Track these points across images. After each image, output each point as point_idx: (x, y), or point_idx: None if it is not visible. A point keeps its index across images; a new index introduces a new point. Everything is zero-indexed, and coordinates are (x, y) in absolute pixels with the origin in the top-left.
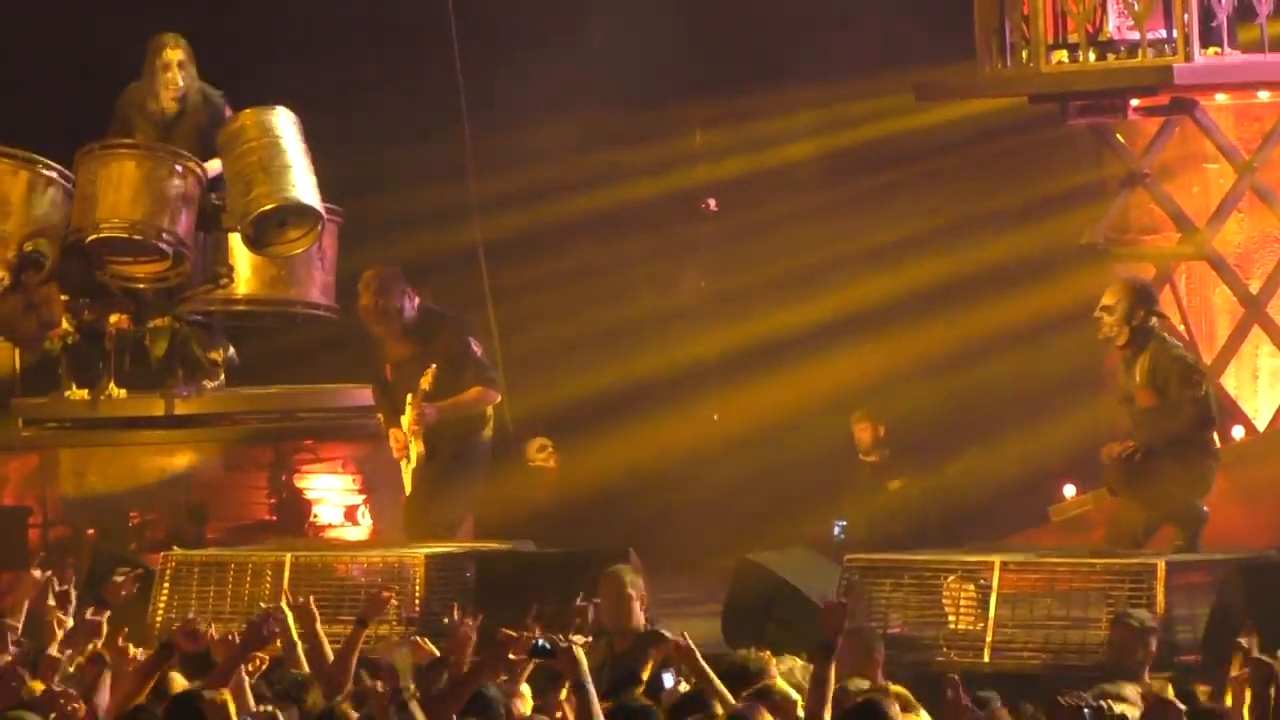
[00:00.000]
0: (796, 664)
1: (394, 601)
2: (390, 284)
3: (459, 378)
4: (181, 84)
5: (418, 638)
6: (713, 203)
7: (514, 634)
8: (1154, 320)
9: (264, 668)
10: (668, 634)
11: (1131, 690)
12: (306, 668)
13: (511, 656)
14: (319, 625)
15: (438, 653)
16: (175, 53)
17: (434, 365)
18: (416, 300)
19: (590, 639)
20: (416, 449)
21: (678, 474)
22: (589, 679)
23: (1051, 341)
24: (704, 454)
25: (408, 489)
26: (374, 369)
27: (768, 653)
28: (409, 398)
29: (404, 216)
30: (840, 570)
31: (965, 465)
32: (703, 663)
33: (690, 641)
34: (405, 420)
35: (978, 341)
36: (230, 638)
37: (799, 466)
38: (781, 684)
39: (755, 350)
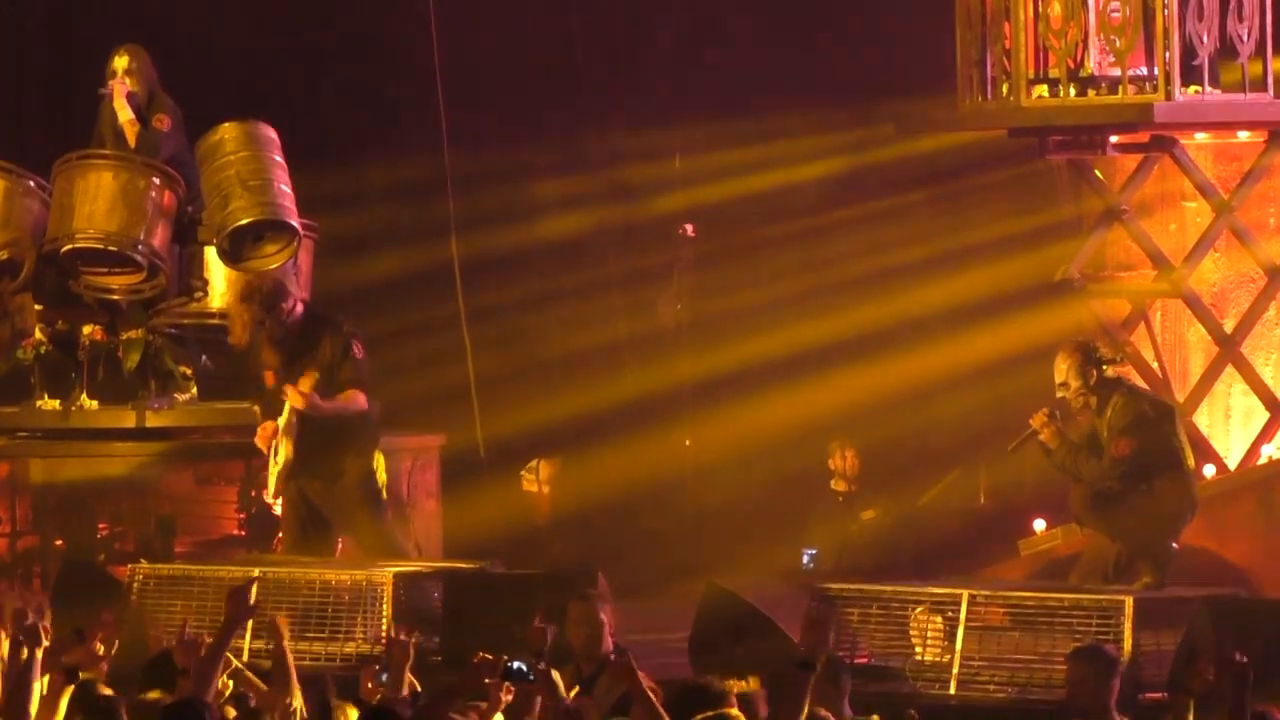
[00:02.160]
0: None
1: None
2: (256, 293)
3: (332, 381)
4: (126, 89)
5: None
6: (690, 228)
7: (490, 657)
8: (1109, 370)
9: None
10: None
11: None
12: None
13: (487, 681)
14: (287, 642)
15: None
16: (121, 60)
17: (313, 371)
18: (299, 308)
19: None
20: (286, 451)
21: (649, 498)
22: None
23: (1026, 376)
24: (676, 479)
25: (270, 488)
26: (255, 372)
27: (731, 682)
28: (286, 389)
29: (380, 234)
30: (808, 599)
31: (937, 497)
32: (645, 689)
33: (635, 668)
34: (280, 420)
35: (952, 374)
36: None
37: (770, 494)
38: (736, 713)
39: (729, 376)
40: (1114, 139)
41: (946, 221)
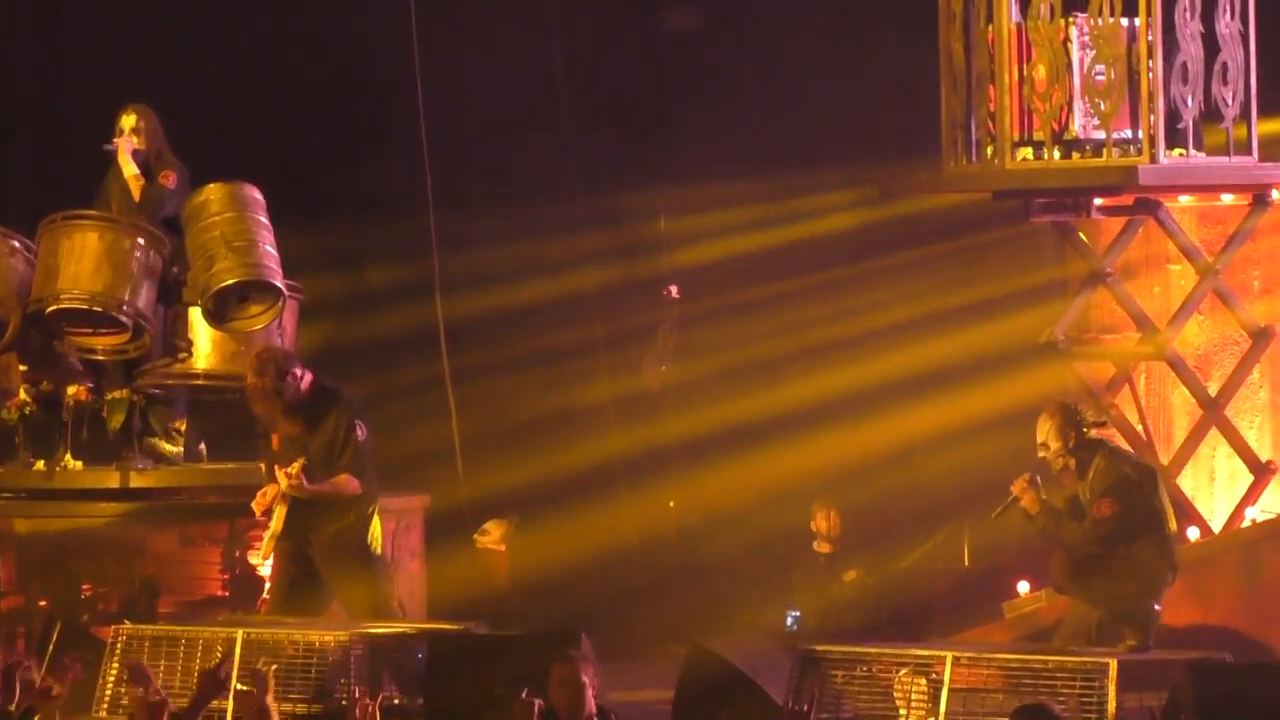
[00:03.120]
0: None
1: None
2: (270, 364)
3: (335, 460)
4: (132, 147)
5: None
6: (675, 289)
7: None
8: (1091, 432)
9: None
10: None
11: None
12: None
13: None
14: (271, 698)
15: None
16: (129, 119)
17: (304, 456)
18: (308, 378)
19: None
20: (280, 515)
21: (633, 559)
22: None
23: (1010, 438)
24: (659, 540)
25: (264, 553)
26: (265, 439)
27: None
28: (277, 471)
29: (365, 295)
30: (792, 661)
31: (920, 558)
32: None
33: None
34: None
35: (936, 435)
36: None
37: (753, 555)
38: None
39: (713, 437)
40: (1098, 201)
41: (931, 283)
